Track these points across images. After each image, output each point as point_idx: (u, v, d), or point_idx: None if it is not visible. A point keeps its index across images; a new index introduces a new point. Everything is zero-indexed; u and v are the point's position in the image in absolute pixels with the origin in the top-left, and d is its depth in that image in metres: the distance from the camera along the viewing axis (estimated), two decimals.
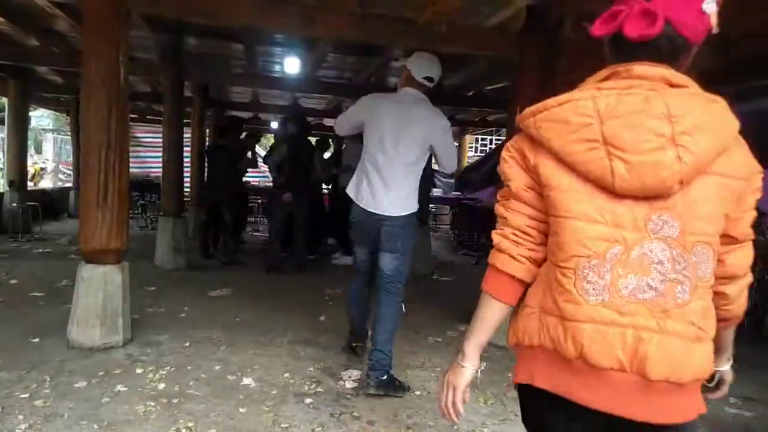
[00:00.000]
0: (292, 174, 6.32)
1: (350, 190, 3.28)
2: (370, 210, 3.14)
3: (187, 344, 3.74)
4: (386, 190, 3.10)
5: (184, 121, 6.88)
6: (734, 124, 1.06)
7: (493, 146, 14.90)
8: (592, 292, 1.05)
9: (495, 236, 1.22)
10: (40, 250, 7.01)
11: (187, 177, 7.75)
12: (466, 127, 12.68)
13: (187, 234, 6.66)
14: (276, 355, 3.64)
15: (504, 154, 1.21)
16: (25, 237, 7.88)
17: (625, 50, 1.08)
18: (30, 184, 10.95)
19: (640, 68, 1.06)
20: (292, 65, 6.48)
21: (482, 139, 16.94)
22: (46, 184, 15.28)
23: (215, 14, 3.69)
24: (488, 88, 7.48)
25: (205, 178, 7.46)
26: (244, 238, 8.37)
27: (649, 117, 1.00)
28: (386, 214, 3.10)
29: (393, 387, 3.09)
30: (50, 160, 17.83)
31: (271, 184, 7.55)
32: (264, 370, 3.37)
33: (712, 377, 1.33)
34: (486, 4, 3.99)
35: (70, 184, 12.28)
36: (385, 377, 3.07)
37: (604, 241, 1.04)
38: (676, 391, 1.03)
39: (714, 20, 1.07)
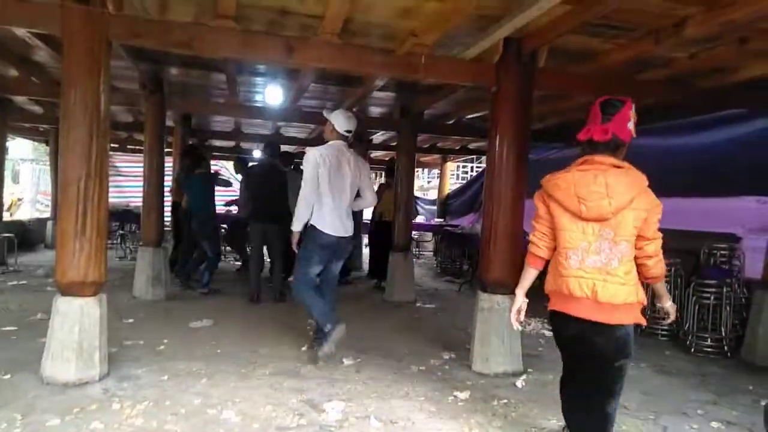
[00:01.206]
0: (263, 203, 6.25)
1: (318, 224, 4.15)
2: (339, 235, 4.20)
3: (166, 377, 3.65)
4: (346, 218, 4.26)
5: (166, 150, 6.84)
6: (641, 185, 2.29)
7: (474, 173, 15.06)
8: (572, 263, 2.32)
9: (531, 236, 2.52)
10: (15, 283, 6.84)
11: (168, 207, 7.67)
12: (447, 155, 12.81)
13: (167, 265, 6.55)
14: (258, 387, 3.57)
15: (536, 196, 2.51)
16: None
17: (594, 146, 2.35)
18: (6, 214, 10.73)
19: (599, 158, 2.33)
20: (273, 96, 6.52)
21: (463, 167, 17.12)
22: (23, 214, 14.99)
23: (196, 46, 3.71)
24: (468, 116, 7.60)
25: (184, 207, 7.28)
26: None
27: (595, 185, 2.26)
28: (347, 235, 4.27)
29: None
30: (27, 189, 17.52)
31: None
32: (245, 402, 3.29)
33: (664, 312, 2.71)
34: (464, 37, 4.09)
35: (47, 215, 12.05)
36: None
37: (579, 240, 2.32)
38: (613, 309, 2.26)
39: (633, 131, 2.36)
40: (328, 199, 4.13)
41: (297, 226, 4.19)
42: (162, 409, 3.13)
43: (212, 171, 7.32)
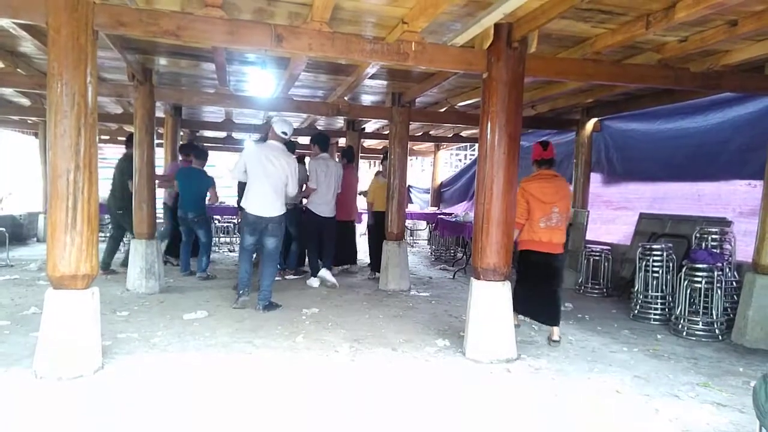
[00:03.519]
0: None
1: (246, 206, 5.40)
2: (262, 215, 5.34)
3: (161, 370, 3.65)
4: (271, 203, 5.35)
5: (157, 141, 6.79)
6: (567, 184, 4.99)
7: (468, 161, 15.04)
8: (542, 225, 4.63)
9: (517, 214, 4.45)
10: (7, 277, 6.80)
11: (161, 198, 7.64)
12: (440, 143, 12.78)
13: (161, 257, 6.53)
14: (253, 378, 3.57)
15: (518, 193, 4.47)
16: None
17: (542, 163, 4.81)
18: None
19: (547, 171, 4.79)
20: (263, 86, 6.49)
21: (456, 155, 17.11)
22: (13, 208, 14.85)
23: (183, 35, 3.65)
24: (460, 104, 7.57)
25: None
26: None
27: (550, 186, 4.70)
28: (271, 215, 5.36)
29: (272, 307, 5.47)
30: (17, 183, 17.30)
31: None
32: (240, 393, 3.30)
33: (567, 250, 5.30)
34: (454, 23, 4.06)
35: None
36: (267, 303, 5.46)
37: (543, 213, 4.63)
38: (558, 246, 4.69)
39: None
40: (255, 186, 5.33)
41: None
42: (156, 402, 3.13)
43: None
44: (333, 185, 7.05)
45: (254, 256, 6.20)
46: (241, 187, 6.74)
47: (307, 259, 7.53)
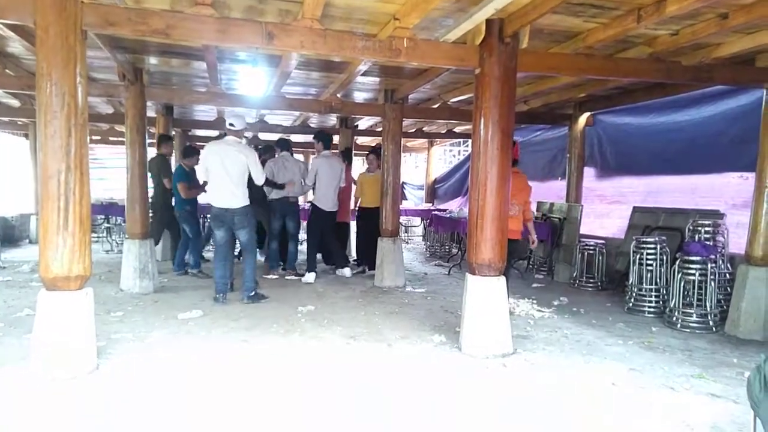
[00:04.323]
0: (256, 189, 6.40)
1: (210, 199, 5.61)
2: (225, 207, 5.50)
3: (155, 371, 3.64)
4: (231, 194, 5.48)
5: (149, 141, 6.77)
6: (525, 180, 5.41)
7: (462, 157, 15.04)
8: (510, 213, 4.48)
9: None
10: (0, 279, 6.75)
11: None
12: (434, 139, 12.77)
13: (154, 257, 6.50)
14: (250, 377, 3.56)
15: None
16: None
17: (514, 163, 4.68)
18: None
19: (512, 169, 4.41)
20: (255, 85, 6.47)
21: (450, 150, 17.11)
22: (5, 210, 14.74)
23: (173, 34, 3.62)
24: (453, 100, 7.56)
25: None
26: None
27: (516, 181, 4.75)
28: (234, 207, 5.49)
29: (258, 298, 5.66)
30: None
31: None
32: (237, 392, 3.29)
33: (532, 240, 5.61)
34: (446, 19, 4.05)
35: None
36: (252, 294, 5.65)
37: (511, 205, 4.58)
38: (515, 233, 5.11)
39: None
40: (216, 180, 5.50)
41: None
42: (153, 402, 3.12)
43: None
44: (335, 182, 7.21)
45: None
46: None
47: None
